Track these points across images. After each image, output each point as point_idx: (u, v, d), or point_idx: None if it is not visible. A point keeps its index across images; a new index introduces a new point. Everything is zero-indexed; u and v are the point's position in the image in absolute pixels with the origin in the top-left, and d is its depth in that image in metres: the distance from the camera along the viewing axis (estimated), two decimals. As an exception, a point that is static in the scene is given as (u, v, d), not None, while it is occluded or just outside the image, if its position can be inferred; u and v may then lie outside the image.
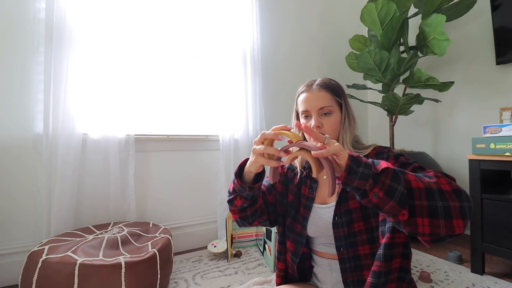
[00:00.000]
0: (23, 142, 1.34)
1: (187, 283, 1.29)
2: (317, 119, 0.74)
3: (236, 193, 0.73)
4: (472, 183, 1.34)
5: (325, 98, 0.74)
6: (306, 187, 0.80)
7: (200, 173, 1.83)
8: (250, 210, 0.76)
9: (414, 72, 1.74)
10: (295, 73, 2.23)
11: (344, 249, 0.70)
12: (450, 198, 0.52)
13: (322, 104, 0.74)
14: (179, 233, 1.70)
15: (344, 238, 0.70)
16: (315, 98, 0.74)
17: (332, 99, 0.75)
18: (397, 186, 0.51)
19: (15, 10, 1.34)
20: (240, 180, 0.69)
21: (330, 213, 0.73)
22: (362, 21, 1.83)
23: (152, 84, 1.74)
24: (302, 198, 0.80)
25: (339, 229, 0.71)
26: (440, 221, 0.51)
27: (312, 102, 0.74)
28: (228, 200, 0.78)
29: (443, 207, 0.51)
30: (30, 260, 1.02)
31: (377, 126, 2.61)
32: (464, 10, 1.75)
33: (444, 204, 0.52)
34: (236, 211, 0.76)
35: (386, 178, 0.51)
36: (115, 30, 1.50)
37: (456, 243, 1.75)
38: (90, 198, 1.45)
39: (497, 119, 1.74)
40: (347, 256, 0.70)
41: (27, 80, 1.35)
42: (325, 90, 0.75)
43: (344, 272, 0.71)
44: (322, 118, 0.74)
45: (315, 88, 0.76)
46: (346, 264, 0.70)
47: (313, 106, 0.74)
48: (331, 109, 0.74)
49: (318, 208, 0.76)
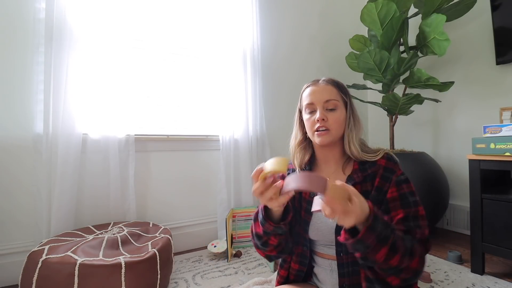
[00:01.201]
0: (23, 142, 1.34)
1: (187, 283, 1.29)
2: (322, 112, 0.72)
3: (269, 234, 0.70)
4: (472, 183, 1.34)
5: (332, 92, 0.74)
6: None
7: (200, 173, 1.83)
8: (285, 240, 0.73)
9: (414, 72, 1.74)
10: (295, 73, 2.23)
11: (344, 254, 0.70)
12: (406, 272, 0.58)
13: (328, 97, 0.73)
14: (179, 233, 1.70)
15: (345, 244, 0.70)
16: (321, 91, 0.74)
17: (338, 94, 0.74)
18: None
19: (15, 10, 1.34)
20: (271, 221, 0.67)
21: None
22: (362, 21, 1.83)
23: (152, 84, 1.74)
24: (303, 201, 0.79)
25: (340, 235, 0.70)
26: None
27: (318, 94, 0.74)
28: (259, 244, 0.73)
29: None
30: (30, 260, 1.02)
31: (377, 126, 2.61)
32: (464, 10, 1.75)
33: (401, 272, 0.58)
34: (271, 249, 0.73)
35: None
36: (115, 30, 1.50)
37: (456, 243, 1.76)
38: (90, 198, 1.45)
39: (497, 119, 1.73)
40: (346, 261, 0.70)
41: (27, 80, 1.35)
42: (332, 85, 0.75)
43: (341, 276, 0.71)
44: (327, 113, 0.73)
45: (322, 83, 0.76)
46: (344, 268, 0.70)
47: (318, 99, 0.73)
48: (336, 104, 0.73)
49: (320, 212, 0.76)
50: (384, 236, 0.54)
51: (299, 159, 0.81)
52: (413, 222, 0.63)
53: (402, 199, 0.66)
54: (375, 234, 0.53)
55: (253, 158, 1.89)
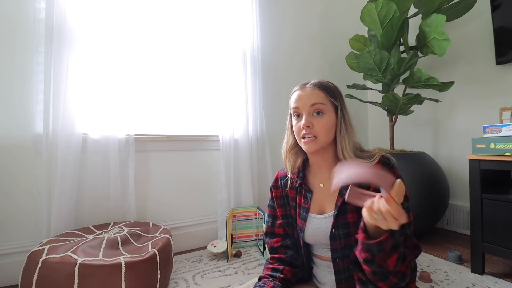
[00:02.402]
0: (23, 142, 1.33)
1: (187, 283, 1.29)
2: (307, 119, 0.70)
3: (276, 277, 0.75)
4: (472, 183, 1.34)
5: (318, 96, 0.71)
6: (301, 196, 0.78)
7: (200, 173, 1.83)
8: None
9: (414, 72, 1.74)
10: (295, 73, 2.23)
11: (340, 261, 0.70)
12: (394, 276, 0.58)
13: (313, 101, 0.70)
14: (179, 233, 1.70)
15: (341, 250, 0.69)
16: (307, 95, 0.72)
17: (325, 98, 0.71)
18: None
19: (15, 10, 1.34)
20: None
21: (328, 223, 0.72)
22: (362, 21, 1.82)
23: (152, 84, 1.73)
24: (297, 207, 0.79)
25: (336, 241, 0.70)
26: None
27: (303, 99, 0.72)
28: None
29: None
30: (30, 260, 1.02)
31: (377, 126, 2.61)
32: (464, 10, 1.75)
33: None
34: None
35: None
36: (115, 30, 1.50)
37: (456, 243, 1.75)
38: (90, 198, 1.45)
39: (497, 119, 1.73)
40: (342, 267, 0.70)
41: (27, 80, 1.35)
42: (319, 89, 0.72)
43: (338, 282, 0.71)
44: (313, 118, 0.71)
45: (309, 87, 0.73)
46: (341, 274, 0.70)
47: (304, 103, 0.71)
48: (322, 108, 0.70)
49: (315, 218, 0.75)
50: (398, 243, 0.54)
51: (291, 163, 0.79)
52: (407, 229, 0.63)
53: None
54: (393, 239, 0.53)
55: (253, 158, 1.89)
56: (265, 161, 1.95)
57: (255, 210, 1.78)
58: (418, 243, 0.65)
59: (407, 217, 0.50)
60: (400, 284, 0.59)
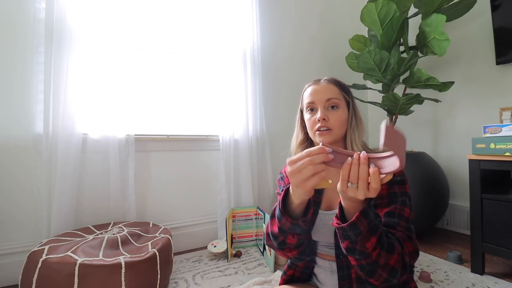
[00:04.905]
0: (23, 142, 1.34)
1: (187, 283, 1.29)
2: (323, 111, 0.72)
3: (286, 232, 0.64)
4: (472, 183, 1.34)
5: (333, 91, 0.73)
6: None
7: (200, 173, 1.83)
8: (306, 240, 0.68)
9: (414, 72, 1.74)
10: (295, 73, 2.23)
11: (344, 257, 0.70)
12: (383, 269, 0.56)
13: (329, 96, 0.72)
14: (179, 233, 1.70)
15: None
16: (322, 90, 0.73)
17: (340, 93, 0.74)
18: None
19: (15, 10, 1.34)
20: (289, 217, 0.61)
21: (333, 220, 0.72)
22: (362, 21, 1.82)
23: (152, 84, 1.73)
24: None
25: None
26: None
27: (319, 93, 0.73)
28: (276, 245, 0.67)
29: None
30: (30, 260, 1.02)
31: (377, 126, 2.59)
32: (464, 10, 1.75)
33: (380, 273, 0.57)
34: (291, 248, 0.67)
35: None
36: (115, 30, 1.50)
37: (456, 243, 1.76)
38: (90, 198, 1.45)
39: (497, 119, 1.73)
40: (346, 264, 0.70)
41: (27, 80, 1.35)
42: (334, 84, 0.74)
43: (341, 279, 0.71)
44: (329, 112, 0.72)
45: (323, 82, 0.75)
46: (344, 271, 0.70)
47: (319, 97, 0.73)
48: (338, 102, 0.72)
49: (323, 214, 0.74)
50: (375, 225, 0.54)
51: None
52: (397, 219, 0.63)
53: (390, 197, 0.65)
54: (367, 220, 0.52)
55: (253, 158, 1.89)
56: (265, 161, 1.95)
57: (255, 210, 1.78)
58: (418, 248, 0.64)
59: (379, 190, 0.49)
60: (392, 280, 0.58)
